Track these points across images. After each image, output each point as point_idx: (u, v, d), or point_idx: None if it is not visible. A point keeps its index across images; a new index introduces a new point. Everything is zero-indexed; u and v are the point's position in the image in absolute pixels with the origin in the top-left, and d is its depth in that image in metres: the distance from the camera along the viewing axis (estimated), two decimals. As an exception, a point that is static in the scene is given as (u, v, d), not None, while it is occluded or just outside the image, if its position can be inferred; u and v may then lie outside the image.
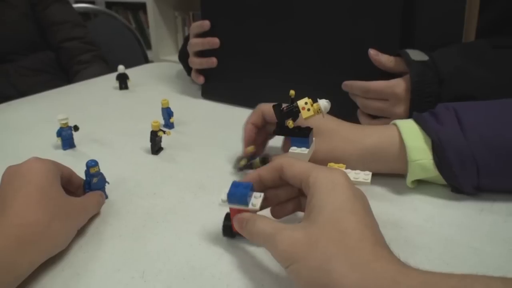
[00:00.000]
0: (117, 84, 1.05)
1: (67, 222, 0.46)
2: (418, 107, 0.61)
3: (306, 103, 0.49)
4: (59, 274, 0.44)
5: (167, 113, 0.80)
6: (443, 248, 0.46)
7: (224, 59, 0.89)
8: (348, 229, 0.35)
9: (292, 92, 0.50)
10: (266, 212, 0.47)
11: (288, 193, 0.46)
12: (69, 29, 1.50)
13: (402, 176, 0.57)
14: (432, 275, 0.32)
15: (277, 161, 0.44)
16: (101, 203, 0.55)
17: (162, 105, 0.80)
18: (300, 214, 0.48)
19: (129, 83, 1.05)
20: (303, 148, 0.50)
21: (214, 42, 0.88)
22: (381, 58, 0.69)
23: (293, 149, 0.50)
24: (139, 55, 1.91)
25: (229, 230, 0.47)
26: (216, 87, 0.94)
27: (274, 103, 0.56)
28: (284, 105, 0.53)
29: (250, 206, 0.43)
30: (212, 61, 0.90)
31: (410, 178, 0.55)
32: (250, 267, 0.44)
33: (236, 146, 0.72)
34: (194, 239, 0.49)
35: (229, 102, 0.92)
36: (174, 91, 1.03)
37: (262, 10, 0.81)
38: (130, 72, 1.08)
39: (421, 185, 0.57)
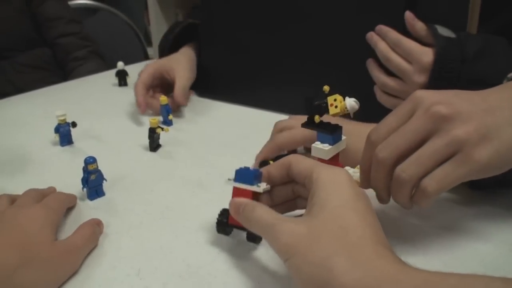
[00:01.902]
0: (116, 80, 1.05)
1: (47, 269, 0.41)
2: (437, 81, 0.60)
3: (335, 99, 0.49)
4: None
5: (166, 110, 0.80)
6: (441, 249, 0.46)
7: (222, 57, 0.88)
8: (350, 226, 0.35)
9: (326, 87, 0.50)
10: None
11: (284, 196, 0.46)
12: (64, 24, 1.49)
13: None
14: (433, 274, 0.32)
15: (286, 158, 0.44)
16: (97, 234, 0.48)
17: (161, 102, 0.79)
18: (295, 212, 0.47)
19: (129, 80, 1.05)
20: (326, 145, 0.49)
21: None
22: (416, 23, 0.68)
23: (316, 144, 0.50)
24: (139, 52, 1.90)
25: (223, 225, 0.46)
26: (215, 85, 0.93)
27: (292, 121, 0.55)
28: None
29: (254, 187, 0.43)
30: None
31: None
32: (247, 265, 0.44)
33: (233, 143, 0.72)
34: (191, 237, 0.48)
35: (228, 100, 0.91)
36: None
37: (261, 6, 0.81)
38: (130, 68, 1.07)
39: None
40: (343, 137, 0.51)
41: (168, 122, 0.80)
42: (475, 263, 0.44)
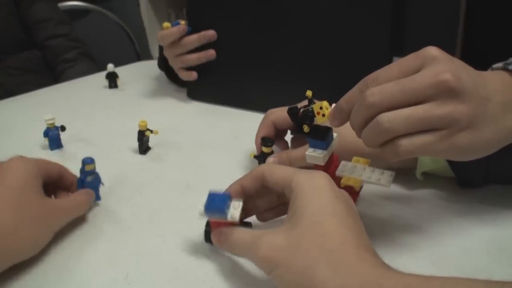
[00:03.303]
0: (106, 82, 1.04)
1: (39, 226, 0.44)
2: None
3: (321, 107, 0.47)
4: (42, 276, 0.43)
5: (175, 24, 0.85)
6: (430, 248, 0.46)
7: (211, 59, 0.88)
8: (329, 232, 0.35)
9: (308, 93, 0.49)
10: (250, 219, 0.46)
11: (269, 202, 0.45)
12: (53, 26, 1.48)
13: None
14: (415, 277, 0.32)
15: (258, 169, 0.43)
16: (87, 203, 0.52)
17: (165, 27, 0.85)
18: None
19: (119, 82, 1.04)
20: (319, 151, 0.48)
21: (211, 34, 0.85)
22: None
23: (309, 152, 0.48)
24: (131, 53, 1.90)
25: (210, 235, 0.46)
26: (203, 87, 0.92)
27: (283, 107, 0.54)
28: (300, 106, 0.51)
29: (229, 219, 0.41)
30: (212, 53, 0.86)
31: (420, 169, 0.55)
32: (235, 269, 0.44)
33: (223, 145, 0.72)
34: (179, 241, 0.48)
35: (216, 102, 0.91)
36: (164, 90, 1.02)
37: (250, 7, 0.80)
38: (120, 70, 1.06)
39: (410, 184, 0.57)
40: (335, 135, 0.50)
41: (190, 30, 0.85)
42: (464, 262, 0.44)
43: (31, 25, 1.46)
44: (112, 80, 1.04)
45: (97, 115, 0.88)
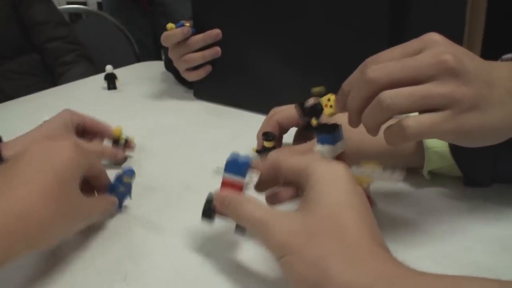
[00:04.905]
0: (105, 84, 1.04)
1: (71, 222, 0.43)
2: None
3: (329, 99, 0.47)
4: (40, 276, 0.43)
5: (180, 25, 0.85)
6: (434, 247, 0.45)
7: (217, 58, 0.88)
8: (347, 225, 0.34)
9: (316, 89, 0.49)
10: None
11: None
12: (52, 28, 1.48)
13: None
14: (427, 276, 0.31)
15: (275, 156, 0.43)
16: (107, 211, 0.50)
17: (169, 27, 0.84)
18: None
19: (118, 83, 1.04)
20: (327, 146, 0.48)
21: (216, 33, 0.85)
22: None
23: (318, 147, 0.49)
24: (130, 55, 1.90)
25: (207, 212, 0.44)
26: (209, 86, 0.92)
27: (288, 106, 0.54)
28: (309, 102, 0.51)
29: (246, 180, 0.41)
30: (217, 50, 0.86)
31: (427, 167, 0.54)
32: (234, 269, 0.43)
33: (223, 145, 0.72)
34: (178, 241, 0.48)
35: (222, 102, 0.91)
36: (164, 90, 1.02)
37: (253, 8, 0.80)
38: (119, 72, 1.06)
39: (413, 183, 0.56)
40: (344, 136, 0.50)
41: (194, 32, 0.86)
42: (467, 262, 0.43)
43: (30, 28, 1.46)
44: (111, 81, 1.03)
45: (96, 117, 0.87)
